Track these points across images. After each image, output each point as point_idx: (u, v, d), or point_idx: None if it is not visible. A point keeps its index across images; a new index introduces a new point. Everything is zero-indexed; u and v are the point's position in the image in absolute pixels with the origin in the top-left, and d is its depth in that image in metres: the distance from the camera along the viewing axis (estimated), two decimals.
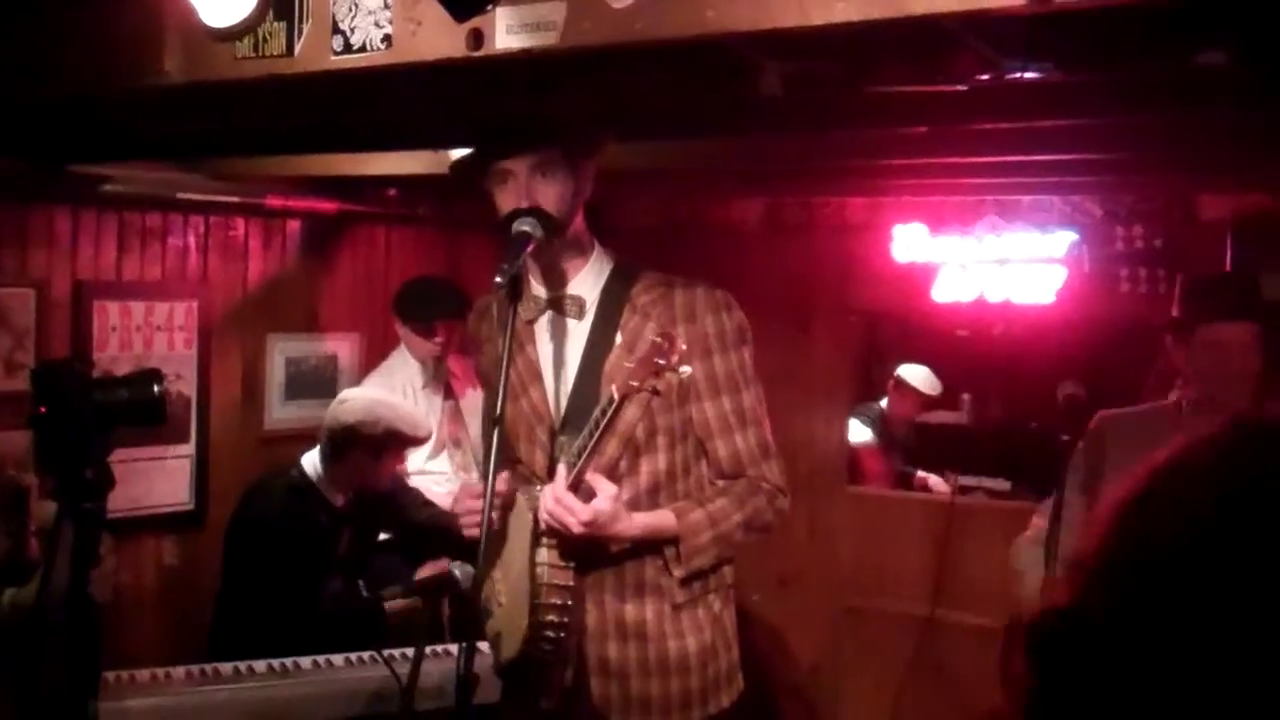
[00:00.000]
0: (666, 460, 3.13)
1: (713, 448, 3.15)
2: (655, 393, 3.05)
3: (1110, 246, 5.35)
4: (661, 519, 3.09)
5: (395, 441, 4.86)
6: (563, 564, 3.06)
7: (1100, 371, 5.49)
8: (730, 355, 3.14)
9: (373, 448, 4.82)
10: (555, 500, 2.97)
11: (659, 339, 2.93)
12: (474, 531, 3.11)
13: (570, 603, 3.07)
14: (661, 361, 2.91)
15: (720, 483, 3.16)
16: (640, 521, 3.06)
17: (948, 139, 3.73)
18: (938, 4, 2.08)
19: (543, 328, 3.18)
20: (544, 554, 3.06)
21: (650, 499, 3.12)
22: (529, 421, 3.17)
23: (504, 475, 3.16)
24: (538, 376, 3.18)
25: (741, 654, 3.34)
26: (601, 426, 3.00)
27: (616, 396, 2.96)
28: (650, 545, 3.11)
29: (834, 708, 6.28)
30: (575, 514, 2.95)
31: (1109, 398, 4.26)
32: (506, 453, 3.20)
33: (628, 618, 3.13)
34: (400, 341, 5.75)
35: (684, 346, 2.93)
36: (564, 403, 3.15)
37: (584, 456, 3.02)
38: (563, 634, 3.07)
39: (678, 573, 3.10)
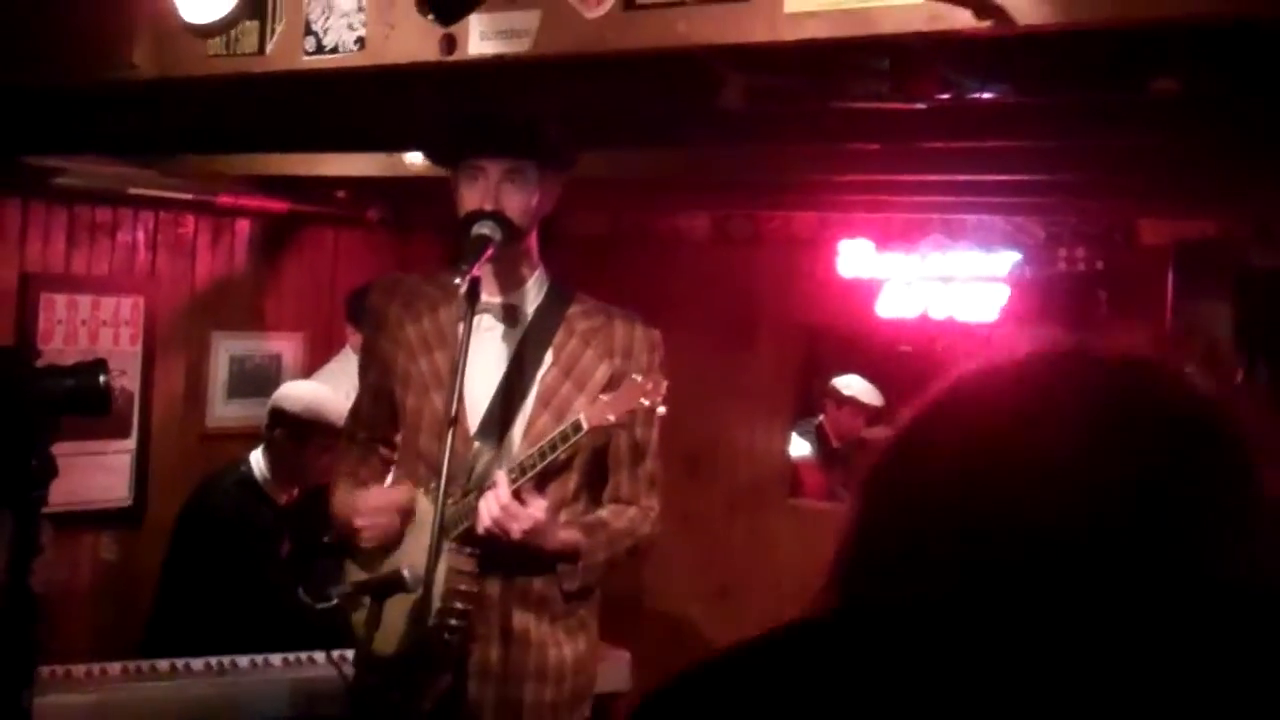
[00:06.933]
0: (576, 482, 3.21)
1: (617, 475, 3.25)
2: (620, 427, 3.11)
3: (1052, 267, 5.43)
4: (574, 536, 3.16)
5: (318, 428, 4.81)
6: (471, 570, 3.09)
7: None
8: None
9: (296, 431, 4.83)
10: (502, 508, 3.00)
11: (640, 378, 3.02)
12: (372, 542, 3.21)
13: (472, 607, 3.09)
14: (645, 403, 2.99)
15: (614, 506, 3.25)
16: (560, 537, 3.13)
17: (898, 156, 3.79)
18: (906, 24, 2.14)
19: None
20: (453, 557, 3.06)
21: (552, 516, 3.16)
22: (440, 420, 3.12)
23: (404, 484, 3.24)
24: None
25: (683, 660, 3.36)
26: (560, 451, 3.04)
27: (586, 426, 3.00)
28: (546, 559, 3.16)
29: None
30: (520, 521, 3.00)
31: None
32: (403, 448, 3.31)
33: (514, 625, 3.16)
34: (347, 344, 5.73)
35: (665, 390, 3.01)
36: (481, 407, 3.17)
37: (530, 473, 3.06)
38: (458, 636, 3.10)
39: (569, 586, 3.18)
